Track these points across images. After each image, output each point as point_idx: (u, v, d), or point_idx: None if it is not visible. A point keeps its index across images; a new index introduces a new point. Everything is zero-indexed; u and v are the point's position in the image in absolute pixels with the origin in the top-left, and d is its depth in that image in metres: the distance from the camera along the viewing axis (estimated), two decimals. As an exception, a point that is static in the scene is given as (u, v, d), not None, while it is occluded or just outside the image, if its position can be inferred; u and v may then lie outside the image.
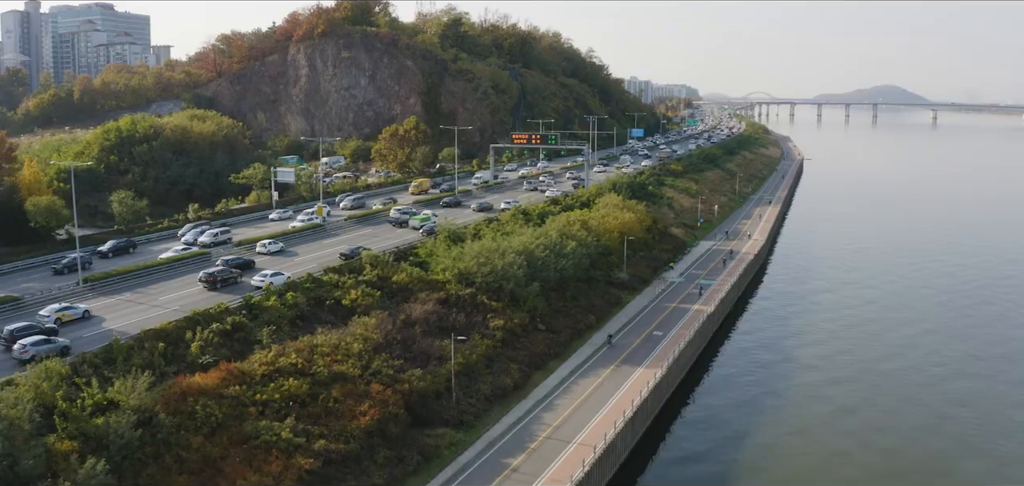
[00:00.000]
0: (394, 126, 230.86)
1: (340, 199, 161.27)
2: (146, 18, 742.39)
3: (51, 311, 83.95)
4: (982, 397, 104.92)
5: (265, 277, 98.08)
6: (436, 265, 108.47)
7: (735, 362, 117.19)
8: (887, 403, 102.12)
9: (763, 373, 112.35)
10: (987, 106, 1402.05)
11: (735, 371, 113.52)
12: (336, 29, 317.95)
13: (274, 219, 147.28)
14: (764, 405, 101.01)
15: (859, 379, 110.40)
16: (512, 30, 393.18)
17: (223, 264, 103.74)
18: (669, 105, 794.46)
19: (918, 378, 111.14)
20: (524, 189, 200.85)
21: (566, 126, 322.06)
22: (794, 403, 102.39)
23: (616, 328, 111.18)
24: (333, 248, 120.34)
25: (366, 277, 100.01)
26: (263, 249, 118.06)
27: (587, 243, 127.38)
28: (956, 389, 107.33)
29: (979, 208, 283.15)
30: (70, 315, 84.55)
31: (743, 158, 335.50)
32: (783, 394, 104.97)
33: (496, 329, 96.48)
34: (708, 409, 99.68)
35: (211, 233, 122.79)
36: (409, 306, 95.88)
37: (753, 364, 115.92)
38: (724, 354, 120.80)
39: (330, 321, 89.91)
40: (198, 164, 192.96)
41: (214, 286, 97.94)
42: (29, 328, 77.75)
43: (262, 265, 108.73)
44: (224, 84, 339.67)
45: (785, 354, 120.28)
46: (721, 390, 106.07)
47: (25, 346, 73.26)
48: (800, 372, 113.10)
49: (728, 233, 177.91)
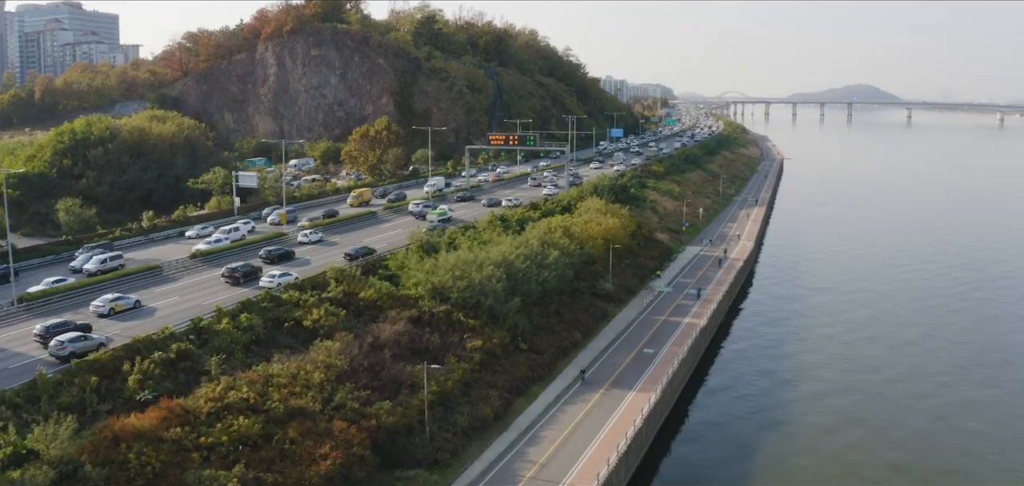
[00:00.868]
0: (365, 127, 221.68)
1: (267, 212, 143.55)
2: (115, 17, 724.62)
3: (105, 301, 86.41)
4: (989, 405, 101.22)
5: (273, 278, 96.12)
6: (407, 279, 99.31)
7: (730, 376, 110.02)
8: (892, 417, 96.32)
9: (760, 388, 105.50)
10: (960, 105, 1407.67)
11: (731, 386, 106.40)
12: (306, 26, 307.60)
13: (191, 237, 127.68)
14: (764, 424, 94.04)
15: (861, 389, 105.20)
16: (487, 28, 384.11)
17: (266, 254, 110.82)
18: (645, 104, 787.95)
19: (922, 388, 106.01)
20: (528, 185, 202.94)
21: (544, 126, 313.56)
22: (796, 419, 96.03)
23: (603, 345, 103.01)
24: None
25: (330, 294, 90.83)
26: (305, 238, 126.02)
27: (570, 252, 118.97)
28: (961, 399, 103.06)
29: (963, 207, 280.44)
30: (122, 305, 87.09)
31: (724, 158, 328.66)
32: (784, 411, 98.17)
33: (474, 350, 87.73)
34: (705, 431, 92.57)
35: (99, 259, 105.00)
36: (378, 326, 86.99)
37: (749, 379, 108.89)
38: (719, 368, 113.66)
39: (289, 345, 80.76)
40: (157, 168, 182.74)
41: (237, 282, 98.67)
42: (64, 325, 77.46)
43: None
44: (190, 84, 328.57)
45: (781, 367, 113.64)
46: (718, 408, 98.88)
47: (63, 343, 72.54)
48: (799, 384, 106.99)
49: (712, 241, 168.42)
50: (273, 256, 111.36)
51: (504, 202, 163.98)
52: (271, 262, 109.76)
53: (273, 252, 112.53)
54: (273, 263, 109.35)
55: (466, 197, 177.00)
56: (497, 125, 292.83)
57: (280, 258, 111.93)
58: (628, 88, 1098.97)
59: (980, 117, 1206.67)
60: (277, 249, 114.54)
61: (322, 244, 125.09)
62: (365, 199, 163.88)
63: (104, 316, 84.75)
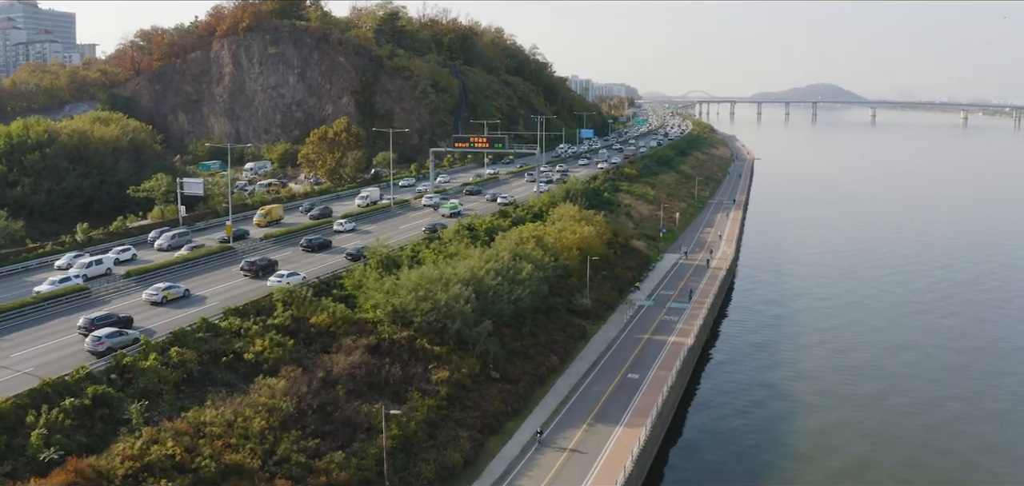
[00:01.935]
0: (323, 128, 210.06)
1: (154, 236, 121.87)
2: (71, 15, 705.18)
3: (157, 289, 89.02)
4: (985, 409, 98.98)
5: (281, 278, 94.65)
6: (365, 300, 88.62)
7: (720, 398, 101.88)
8: (892, 429, 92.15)
9: (753, 411, 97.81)
10: (923, 103, 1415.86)
11: (722, 409, 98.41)
12: (263, 23, 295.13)
13: (61, 266, 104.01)
14: (761, 452, 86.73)
15: (856, 398, 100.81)
16: (452, 25, 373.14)
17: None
18: (611, 104, 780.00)
19: (919, 396, 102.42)
20: (525, 180, 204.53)
21: (511, 126, 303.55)
22: (799, 447, 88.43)
23: (583, 369, 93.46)
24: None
25: (276, 320, 79.91)
26: (339, 227, 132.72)
27: (544, 265, 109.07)
28: (957, 402, 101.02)
29: (938, 206, 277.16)
30: (173, 293, 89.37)
31: (696, 159, 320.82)
32: (782, 438, 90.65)
33: (440, 383, 77.55)
34: (697, 466, 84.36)
35: None
36: (330, 357, 76.52)
37: (740, 400, 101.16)
38: (707, 389, 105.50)
39: (228, 383, 70.08)
40: (99, 174, 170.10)
41: (256, 275, 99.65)
42: (107, 318, 77.61)
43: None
44: (143, 84, 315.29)
45: (774, 386, 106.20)
46: (710, 435, 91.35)
47: (100, 338, 71.85)
48: (795, 407, 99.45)
49: (686, 254, 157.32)
50: (314, 245, 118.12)
51: (499, 200, 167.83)
52: (312, 251, 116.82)
53: (314, 241, 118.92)
54: (313, 251, 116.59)
55: (474, 191, 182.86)
56: (462, 126, 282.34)
57: (321, 247, 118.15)
58: (594, 88, 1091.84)
59: (943, 116, 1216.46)
60: (317, 238, 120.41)
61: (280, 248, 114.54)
62: (275, 217, 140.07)
63: (157, 303, 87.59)
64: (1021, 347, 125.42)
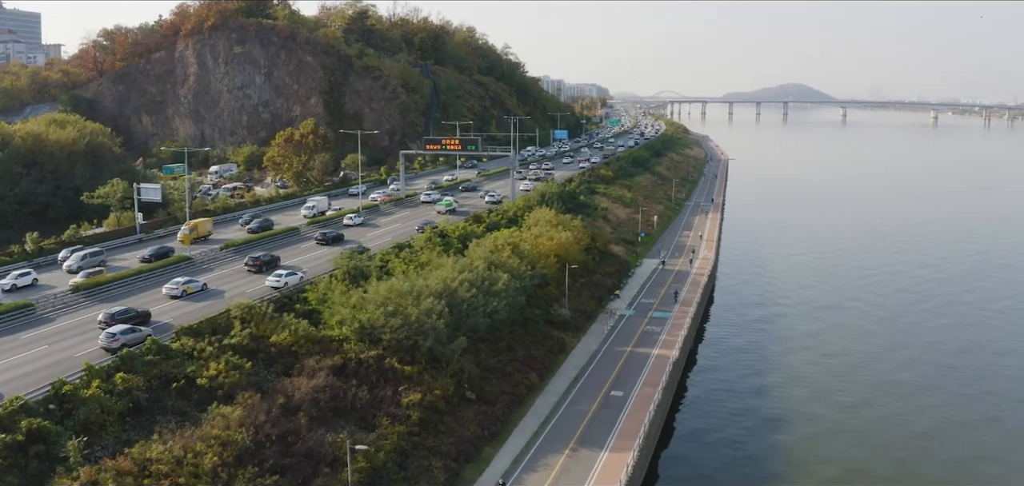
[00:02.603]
0: (289, 130, 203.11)
1: (65, 255, 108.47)
2: (37, 15, 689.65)
3: (177, 283, 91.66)
4: (977, 416, 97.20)
5: (280, 277, 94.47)
6: (330, 316, 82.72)
7: (706, 413, 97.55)
8: (893, 453, 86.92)
9: (741, 419, 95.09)
10: (893, 103, 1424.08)
11: (709, 417, 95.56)
12: (228, 22, 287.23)
13: None
14: (752, 463, 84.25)
15: (849, 418, 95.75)
16: (423, 24, 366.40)
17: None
18: (583, 104, 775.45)
19: (914, 415, 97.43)
20: (520, 175, 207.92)
21: (483, 127, 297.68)
22: (790, 455, 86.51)
23: (564, 386, 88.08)
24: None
25: (233, 340, 73.69)
26: (350, 221, 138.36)
27: (521, 274, 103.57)
28: (949, 407, 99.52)
29: (915, 208, 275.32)
30: (192, 287, 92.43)
31: (671, 160, 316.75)
32: (773, 447, 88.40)
33: (411, 407, 71.85)
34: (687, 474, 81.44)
35: None
36: (292, 380, 70.56)
37: (727, 406, 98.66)
38: (692, 401, 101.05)
39: (179, 411, 64.11)
40: (54, 179, 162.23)
41: (260, 270, 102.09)
42: (126, 312, 78.59)
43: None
44: (106, 84, 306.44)
45: (762, 391, 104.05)
46: (699, 444, 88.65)
47: (115, 335, 72.16)
48: (784, 413, 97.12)
49: (664, 264, 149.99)
50: (328, 238, 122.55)
51: (486, 198, 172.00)
52: (326, 244, 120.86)
53: (328, 234, 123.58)
54: (327, 244, 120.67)
55: (470, 188, 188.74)
56: (434, 126, 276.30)
57: (334, 241, 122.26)
58: (566, 88, 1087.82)
59: (914, 115, 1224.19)
60: (331, 232, 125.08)
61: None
62: (202, 233, 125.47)
63: (177, 297, 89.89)
64: (1007, 349, 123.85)
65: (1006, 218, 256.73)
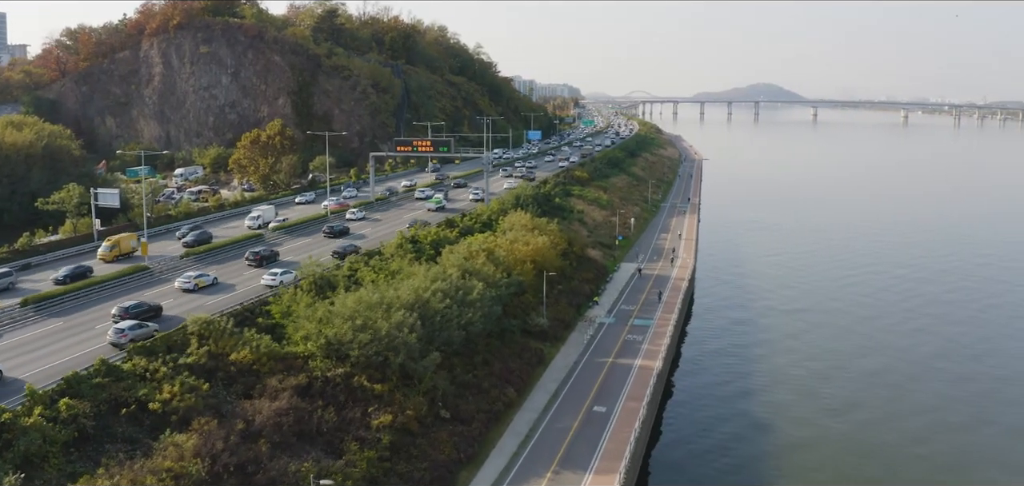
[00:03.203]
0: (255, 131, 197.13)
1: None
2: (1, 15, 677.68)
3: (189, 277, 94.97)
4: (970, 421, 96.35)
5: (276, 275, 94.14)
6: (294, 331, 77.61)
7: (692, 420, 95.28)
8: (884, 458, 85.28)
9: (726, 425, 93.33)
10: (863, 103, 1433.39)
11: (694, 430, 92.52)
12: (194, 21, 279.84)
13: None
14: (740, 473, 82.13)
15: (835, 421, 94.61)
16: (394, 23, 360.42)
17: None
18: (556, 104, 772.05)
19: (905, 419, 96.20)
20: (506, 173, 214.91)
21: (455, 128, 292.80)
22: (780, 463, 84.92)
23: (544, 401, 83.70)
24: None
25: (190, 359, 68.42)
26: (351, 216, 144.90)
27: (497, 282, 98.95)
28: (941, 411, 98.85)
29: (891, 208, 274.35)
30: (204, 281, 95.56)
31: (646, 160, 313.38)
32: (761, 454, 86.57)
33: (381, 429, 67.10)
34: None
35: None
36: (253, 403, 65.52)
37: (712, 420, 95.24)
38: (678, 406, 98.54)
39: (130, 439, 58.97)
40: (9, 184, 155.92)
41: (260, 263, 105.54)
42: (139, 307, 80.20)
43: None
44: (69, 85, 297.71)
45: (747, 403, 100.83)
46: (685, 460, 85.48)
47: (123, 331, 72.55)
48: (771, 418, 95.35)
49: (640, 271, 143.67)
50: (335, 231, 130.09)
51: (471, 196, 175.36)
52: (334, 237, 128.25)
53: (335, 228, 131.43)
54: (336, 237, 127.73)
55: (461, 185, 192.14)
56: (405, 128, 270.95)
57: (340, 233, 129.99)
58: (538, 88, 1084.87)
59: (884, 114, 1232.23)
60: (338, 225, 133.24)
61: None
62: (125, 250, 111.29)
63: (189, 291, 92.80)
64: (988, 350, 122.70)
65: (982, 218, 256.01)
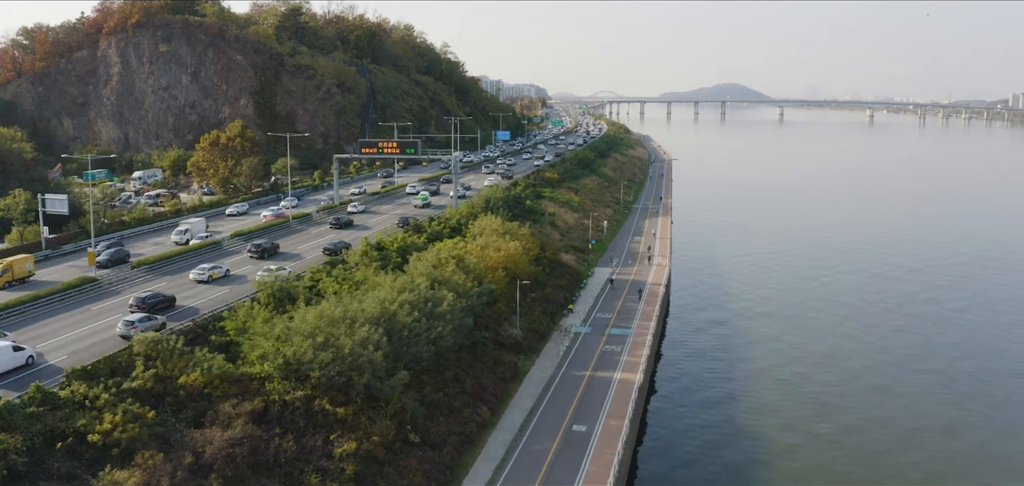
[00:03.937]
0: (214, 133, 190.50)
1: None
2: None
3: (203, 269, 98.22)
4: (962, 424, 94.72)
5: (270, 271, 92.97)
6: (250, 350, 71.85)
7: (673, 429, 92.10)
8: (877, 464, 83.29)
9: (710, 429, 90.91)
10: (828, 102, 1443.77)
11: (677, 436, 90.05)
12: (153, 19, 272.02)
13: None
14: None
15: (818, 425, 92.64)
16: (359, 22, 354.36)
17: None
18: (523, 104, 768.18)
19: (892, 424, 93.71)
20: (488, 171, 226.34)
21: (422, 128, 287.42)
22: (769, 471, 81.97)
23: (520, 420, 78.61)
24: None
25: (135, 383, 62.61)
26: (353, 209, 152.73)
27: (467, 292, 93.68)
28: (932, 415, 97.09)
29: (861, 207, 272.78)
30: (217, 272, 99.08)
31: (616, 161, 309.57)
32: (749, 465, 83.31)
33: (345, 458, 61.77)
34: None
35: None
36: (203, 433, 59.86)
37: (695, 426, 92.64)
38: (660, 428, 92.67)
39: (66, 475, 53.16)
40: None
41: (261, 256, 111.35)
42: (154, 297, 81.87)
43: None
44: (24, 86, 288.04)
45: (730, 408, 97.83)
46: (669, 468, 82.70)
47: (132, 323, 73.21)
48: (757, 424, 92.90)
49: (612, 279, 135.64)
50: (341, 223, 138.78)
51: (469, 190, 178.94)
52: (339, 228, 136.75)
53: (341, 219, 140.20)
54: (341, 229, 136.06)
55: (448, 180, 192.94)
56: (371, 128, 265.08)
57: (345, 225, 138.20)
58: (505, 88, 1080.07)
59: (848, 113, 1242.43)
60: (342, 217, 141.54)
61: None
62: (19, 275, 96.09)
63: (203, 282, 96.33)
64: (971, 352, 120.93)
65: (955, 216, 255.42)
